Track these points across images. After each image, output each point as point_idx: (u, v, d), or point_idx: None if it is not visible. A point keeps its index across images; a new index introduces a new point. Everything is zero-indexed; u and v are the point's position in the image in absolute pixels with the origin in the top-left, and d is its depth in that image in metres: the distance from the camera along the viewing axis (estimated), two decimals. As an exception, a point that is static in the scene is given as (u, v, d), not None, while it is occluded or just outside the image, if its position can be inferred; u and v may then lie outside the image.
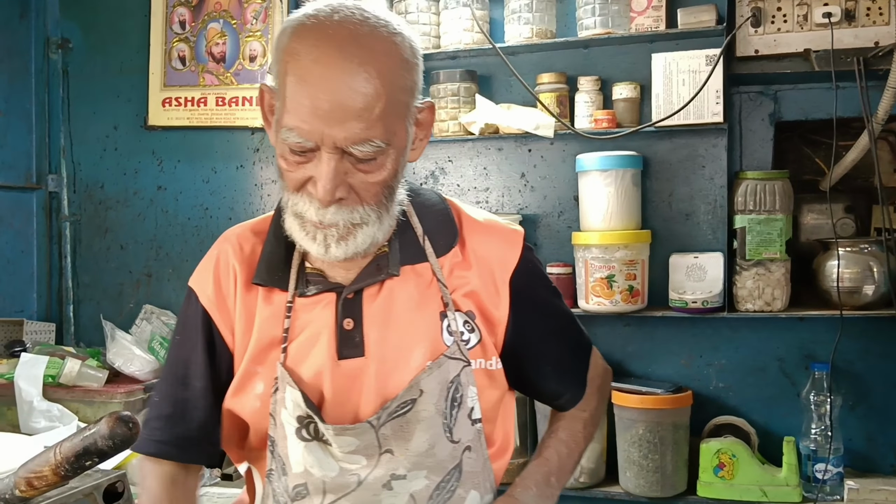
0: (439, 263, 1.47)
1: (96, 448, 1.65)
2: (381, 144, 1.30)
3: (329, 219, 1.33)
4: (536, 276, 1.57)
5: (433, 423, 1.41)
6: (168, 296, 3.50)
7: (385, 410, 1.39)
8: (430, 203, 1.54)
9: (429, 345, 1.43)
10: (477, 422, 1.46)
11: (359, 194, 1.34)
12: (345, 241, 1.35)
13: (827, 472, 2.64)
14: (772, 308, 2.71)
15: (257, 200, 3.39)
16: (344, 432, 1.39)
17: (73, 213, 3.62)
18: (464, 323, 1.46)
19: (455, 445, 1.44)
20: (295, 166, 1.33)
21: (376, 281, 1.45)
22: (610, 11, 2.81)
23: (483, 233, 1.52)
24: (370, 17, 1.32)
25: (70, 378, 2.84)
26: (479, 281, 1.48)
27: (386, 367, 1.42)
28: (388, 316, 1.44)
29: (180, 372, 1.54)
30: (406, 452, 1.41)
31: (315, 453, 1.42)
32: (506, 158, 3.10)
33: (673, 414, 2.74)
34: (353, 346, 1.43)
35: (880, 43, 2.59)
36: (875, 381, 2.78)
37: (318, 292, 1.46)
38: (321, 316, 1.45)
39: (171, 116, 3.42)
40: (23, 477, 1.76)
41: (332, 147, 1.28)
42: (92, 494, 2.01)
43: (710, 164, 2.87)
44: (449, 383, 1.42)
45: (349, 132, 1.27)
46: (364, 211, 1.35)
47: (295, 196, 1.36)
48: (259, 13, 3.29)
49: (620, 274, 2.74)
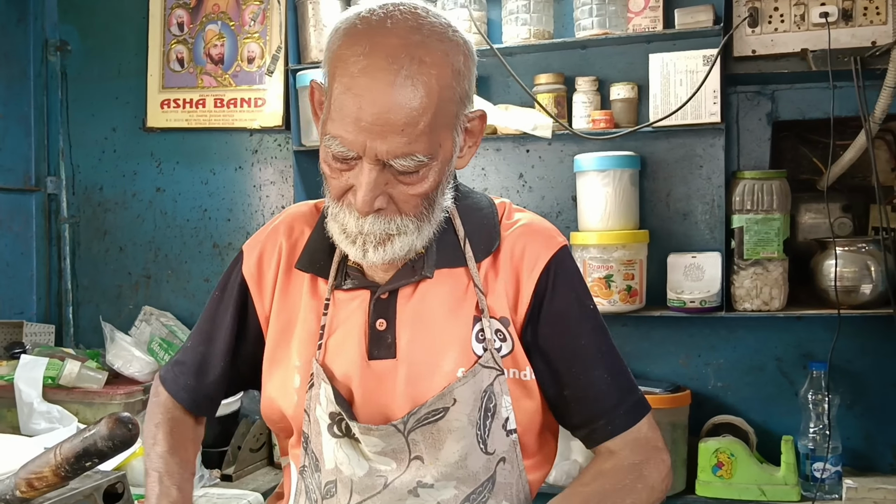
0: (478, 268, 1.45)
1: (96, 449, 1.66)
2: (423, 159, 1.29)
3: (367, 229, 1.34)
4: (566, 285, 1.48)
5: (466, 433, 1.40)
6: (167, 297, 3.51)
7: (413, 416, 1.39)
8: (478, 207, 1.53)
9: (459, 350, 1.42)
10: (512, 432, 1.44)
11: (398, 205, 1.34)
12: (382, 247, 1.36)
13: (825, 471, 2.64)
14: (769, 307, 2.72)
15: (256, 202, 3.39)
16: (370, 432, 1.39)
17: (72, 215, 3.63)
18: (496, 331, 1.43)
19: (489, 457, 1.42)
20: (337, 173, 1.34)
21: (410, 282, 1.44)
22: (607, 12, 2.82)
23: (520, 234, 1.49)
24: (424, 23, 1.30)
25: (70, 379, 2.85)
26: (510, 285, 1.46)
27: (416, 371, 1.41)
28: (419, 318, 1.44)
29: (207, 327, 1.60)
30: (436, 462, 1.40)
31: (346, 450, 1.43)
32: (504, 159, 3.10)
33: (671, 413, 2.75)
34: (384, 346, 1.43)
35: (877, 42, 2.59)
36: (873, 380, 2.79)
37: (354, 287, 1.47)
38: (354, 314, 1.46)
39: (169, 118, 3.42)
40: (23, 478, 1.76)
41: (374, 159, 1.28)
42: (92, 496, 2.02)
43: (707, 164, 2.88)
44: (482, 393, 1.40)
45: (391, 146, 1.26)
46: (402, 221, 1.35)
47: (336, 205, 1.37)
48: (257, 15, 3.29)
49: (618, 274, 2.75)
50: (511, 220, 1.52)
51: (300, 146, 3.11)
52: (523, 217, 1.53)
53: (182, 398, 1.62)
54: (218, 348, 1.58)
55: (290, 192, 3.26)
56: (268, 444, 2.99)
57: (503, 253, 1.47)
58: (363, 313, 1.46)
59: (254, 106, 3.27)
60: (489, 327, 1.43)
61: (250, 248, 1.59)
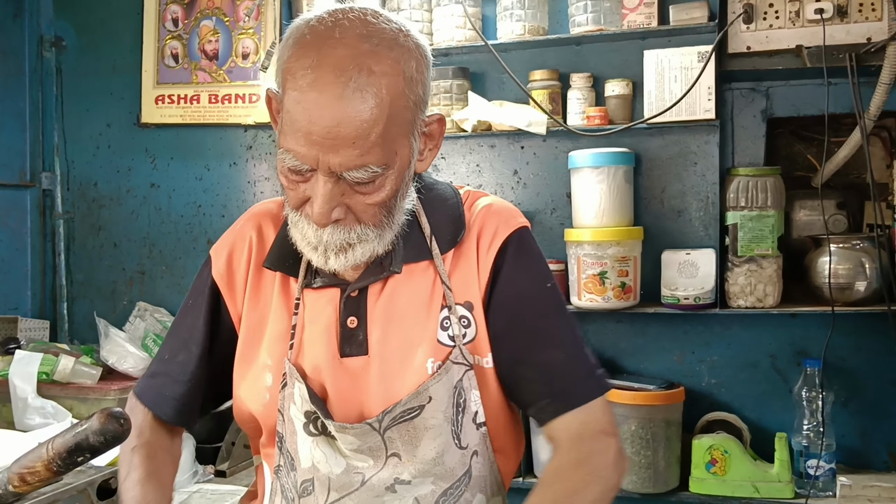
0: (443, 259, 1.45)
1: (88, 444, 1.66)
2: (377, 170, 1.28)
3: (326, 239, 1.33)
4: (523, 263, 1.46)
5: (442, 430, 1.40)
6: (161, 293, 3.51)
7: (388, 414, 1.38)
8: (442, 198, 1.52)
9: (429, 343, 1.41)
10: (482, 425, 1.45)
11: (356, 215, 1.33)
12: (343, 254, 1.35)
13: (819, 469, 2.65)
14: (764, 304, 2.72)
15: (250, 197, 3.39)
16: (345, 430, 1.39)
17: (66, 210, 3.63)
18: (460, 317, 1.43)
19: (463, 451, 1.43)
20: (294, 185, 1.33)
21: (379, 279, 1.44)
22: (602, 8, 2.82)
23: (480, 216, 1.48)
24: (374, 30, 1.28)
25: (64, 375, 2.85)
26: (472, 266, 1.45)
27: (388, 367, 1.41)
28: (390, 314, 1.43)
29: (183, 334, 1.57)
30: (413, 459, 1.40)
31: (323, 448, 1.42)
32: (498, 155, 3.10)
33: (665, 410, 2.75)
34: (356, 344, 1.43)
35: (872, 39, 2.60)
36: (867, 377, 2.79)
37: (324, 286, 1.46)
38: (325, 312, 1.45)
39: (164, 114, 3.42)
40: (15, 473, 1.76)
41: (328, 171, 1.27)
42: (86, 491, 2.02)
43: (702, 161, 2.87)
44: (453, 388, 1.41)
45: (343, 158, 1.25)
46: (361, 230, 1.34)
47: (295, 214, 1.36)
48: (251, 10, 3.29)
49: (613, 271, 2.75)
50: (474, 206, 1.50)
51: (295, 142, 3.10)
52: (484, 200, 1.52)
53: (162, 408, 1.57)
54: (194, 354, 1.55)
55: (284, 189, 3.26)
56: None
57: (469, 237, 1.46)
58: (334, 311, 1.45)
59: (248, 102, 3.26)
60: (454, 319, 1.42)
61: (218, 251, 1.57)
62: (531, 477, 2.90)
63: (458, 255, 1.46)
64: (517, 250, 1.45)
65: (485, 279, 1.44)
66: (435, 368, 1.40)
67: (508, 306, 1.43)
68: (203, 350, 1.55)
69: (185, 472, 2.67)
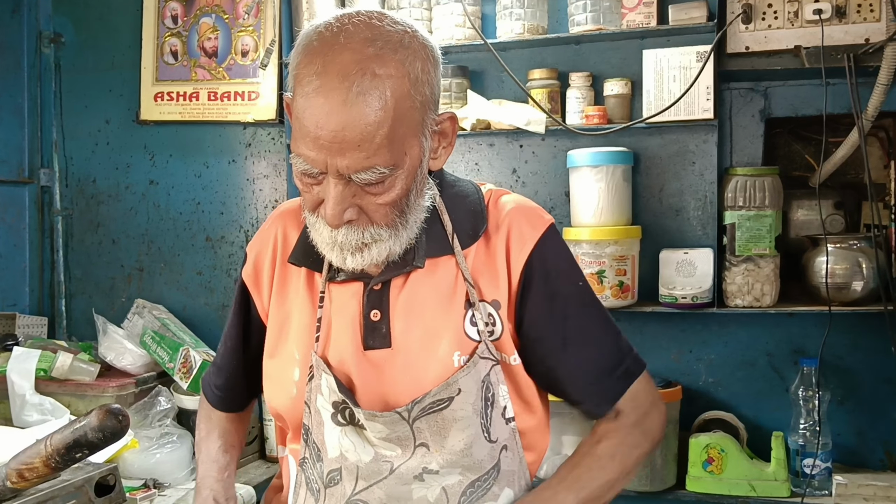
0: (464, 255, 1.48)
1: (86, 440, 1.67)
2: (384, 171, 1.31)
3: (340, 239, 1.37)
4: (556, 268, 1.51)
5: (471, 422, 1.43)
6: (160, 290, 3.51)
7: (417, 404, 1.42)
8: (464, 194, 1.55)
9: (453, 337, 1.45)
10: (511, 420, 1.48)
11: (369, 215, 1.36)
12: (360, 254, 1.39)
13: (815, 467, 2.65)
14: (761, 304, 2.72)
15: (249, 195, 3.39)
16: (374, 418, 1.42)
17: (65, 207, 3.63)
18: (487, 314, 1.46)
19: (493, 445, 1.46)
20: (308, 187, 1.37)
21: (401, 273, 1.47)
22: (601, 7, 2.82)
23: (509, 217, 1.51)
24: (380, 33, 1.31)
25: (62, 372, 2.85)
26: (501, 268, 1.48)
27: (412, 359, 1.45)
28: (412, 307, 1.47)
29: (226, 332, 1.73)
30: (442, 450, 1.43)
31: (351, 438, 1.46)
32: (497, 154, 3.10)
33: (663, 409, 2.75)
34: (379, 337, 1.46)
35: (871, 39, 2.60)
36: (863, 377, 2.80)
37: (348, 279, 1.50)
38: (349, 306, 1.49)
39: (163, 111, 3.42)
40: (14, 469, 1.77)
41: (336, 174, 1.30)
42: (84, 487, 2.02)
43: (700, 160, 2.88)
44: (481, 382, 1.44)
45: (350, 161, 1.28)
46: (374, 230, 1.37)
47: (312, 216, 1.41)
48: (251, 8, 3.29)
49: (611, 269, 2.75)
50: (499, 204, 1.54)
51: (294, 140, 3.10)
52: (509, 199, 1.55)
53: (209, 395, 1.80)
54: (229, 348, 1.70)
55: (283, 186, 3.27)
56: (259, 437, 3.00)
57: (496, 237, 1.49)
58: (357, 304, 1.48)
59: (247, 99, 3.26)
60: (479, 312, 1.46)
61: (250, 250, 1.66)
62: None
63: (483, 253, 1.49)
64: (547, 252, 1.50)
65: (516, 280, 1.48)
66: (462, 362, 1.44)
67: (541, 309, 1.48)
68: (236, 344, 1.69)
69: (184, 468, 2.68)
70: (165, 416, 2.76)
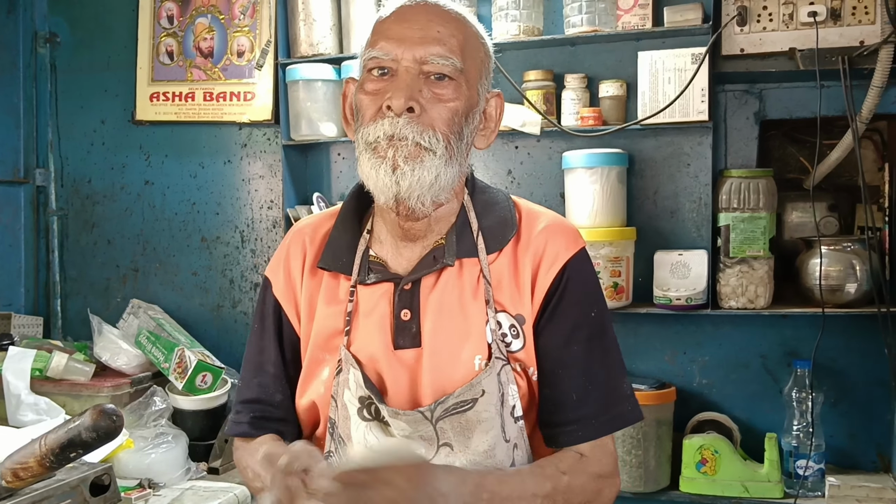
0: (488, 260, 1.49)
1: (80, 440, 1.67)
2: (458, 63, 1.41)
3: (400, 130, 1.39)
4: (576, 288, 1.50)
5: (493, 424, 1.44)
6: (155, 290, 3.51)
7: (440, 404, 1.42)
8: (493, 201, 1.57)
9: (476, 339, 1.46)
10: (519, 419, 1.49)
11: (430, 115, 1.40)
12: (412, 163, 1.39)
13: (808, 469, 2.66)
14: (755, 305, 2.73)
15: (245, 196, 3.39)
16: (398, 416, 1.43)
17: (60, 207, 3.63)
18: (510, 326, 1.48)
19: (508, 445, 1.47)
20: (374, 93, 1.42)
21: (433, 271, 1.49)
22: (597, 9, 2.82)
23: (544, 233, 1.52)
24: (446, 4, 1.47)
25: (57, 372, 2.85)
26: (526, 284, 1.49)
27: (439, 359, 1.46)
28: (441, 307, 1.48)
29: (257, 359, 1.61)
30: (465, 451, 1.44)
31: (376, 433, 1.46)
32: (492, 155, 3.11)
33: (656, 410, 2.76)
34: (409, 336, 1.47)
35: (865, 42, 2.60)
36: (856, 379, 2.81)
37: (378, 281, 1.51)
38: (379, 305, 1.50)
39: (158, 111, 3.42)
40: (8, 468, 1.77)
41: (413, 60, 1.40)
42: (78, 487, 2.02)
43: (695, 162, 2.89)
44: (499, 383, 1.45)
45: (429, 49, 1.40)
46: (433, 135, 1.40)
47: (369, 126, 1.42)
48: (247, 8, 3.29)
49: (605, 271, 2.76)
50: (533, 217, 1.55)
51: (289, 140, 3.11)
52: (545, 215, 1.56)
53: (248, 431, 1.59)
54: (269, 375, 1.59)
55: (278, 187, 3.27)
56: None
57: (528, 250, 1.50)
58: (388, 304, 1.50)
59: (243, 100, 3.27)
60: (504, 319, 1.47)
61: (274, 271, 1.62)
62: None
63: (509, 263, 1.50)
64: (574, 275, 1.50)
65: (539, 299, 1.49)
66: (482, 364, 1.45)
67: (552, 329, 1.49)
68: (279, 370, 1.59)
69: (178, 468, 2.68)
70: (160, 416, 2.76)
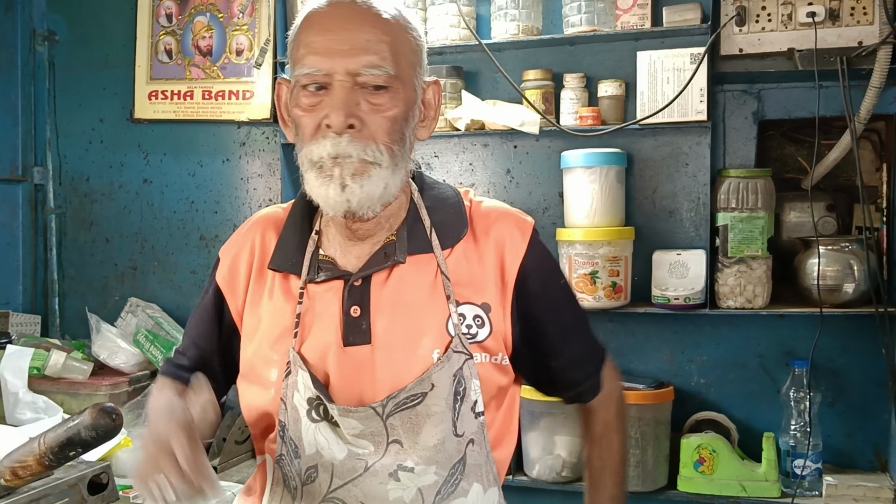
0: (444, 255, 1.49)
1: (80, 439, 1.66)
2: (389, 70, 1.38)
3: (343, 149, 1.37)
4: (546, 268, 1.58)
5: (443, 418, 1.43)
6: (153, 289, 3.51)
7: (392, 400, 1.42)
8: (443, 196, 1.57)
9: (436, 334, 1.46)
10: (480, 415, 1.48)
11: (370, 129, 1.39)
12: (360, 178, 1.39)
13: (806, 468, 2.67)
14: (753, 305, 2.73)
15: (243, 194, 3.39)
16: (348, 414, 1.42)
17: (58, 205, 3.62)
18: (474, 317, 1.48)
19: (459, 439, 1.46)
20: (310, 109, 1.40)
21: (383, 268, 1.48)
22: (596, 9, 2.83)
23: (493, 222, 1.54)
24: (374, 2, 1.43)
25: (55, 370, 2.85)
26: (491, 272, 1.50)
27: (393, 355, 1.45)
28: (396, 303, 1.47)
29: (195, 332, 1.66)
30: (415, 446, 1.43)
31: (325, 434, 1.45)
32: (491, 154, 3.11)
33: (654, 409, 2.76)
34: (359, 333, 1.46)
35: (864, 42, 2.61)
36: (854, 378, 2.81)
37: (328, 279, 1.50)
38: (329, 304, 1.49)
39: (157, 110, 3.42)
40: (7, 467, 1.77)
41: (345, 73, 1.37)
42: (77, 485, 2.02)
43: (693, 162, 2.89)
44: (453, 377, 1.44)
45: (359, 60, 1.37)
46: (376, 148, 1.39)
47: (310, 144, 1.41)
48: (246, 7, 3.29)
49: (604, 270, 2.76)
50: (482, 210, 1.56)
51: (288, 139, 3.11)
52: (492, 205, 1.59)
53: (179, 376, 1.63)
54: (208, 350, 1.63)
55: (277, 185, 3.27)
56: (251, 437, 2.99)
57: (484, 241, 1.52)
58: (338, 302, 1.48)
59: (242, 98, 3.26)
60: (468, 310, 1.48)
61: (224, 253, 1.63)
62: (521, 475, 2.91)
63: (468, 256, 1.51)
64: (537, 253, 1.55)
65: (511, 282, 1.50)
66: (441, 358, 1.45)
67: (539, 309, 1.53)
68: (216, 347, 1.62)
69: (176, 467, 2.67)
70: (158, 414, 2.76)
